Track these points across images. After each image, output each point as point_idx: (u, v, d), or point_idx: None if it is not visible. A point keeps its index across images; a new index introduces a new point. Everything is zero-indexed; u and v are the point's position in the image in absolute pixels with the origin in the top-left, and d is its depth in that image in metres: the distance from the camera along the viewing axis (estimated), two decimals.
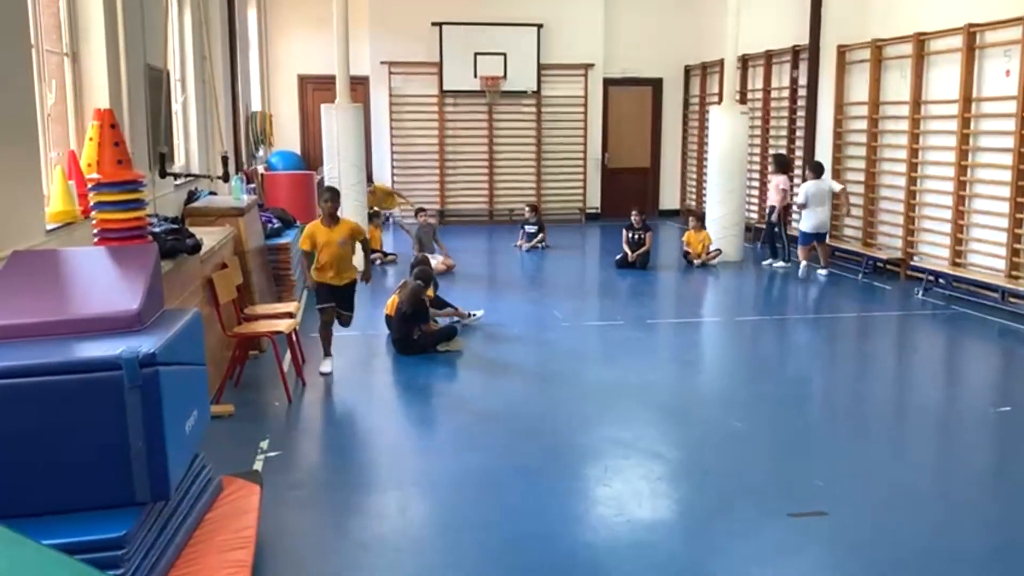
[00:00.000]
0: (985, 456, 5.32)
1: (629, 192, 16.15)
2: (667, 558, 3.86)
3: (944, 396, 6.54)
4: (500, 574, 3.74)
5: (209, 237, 6.32)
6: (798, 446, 5.31)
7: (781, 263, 11.43)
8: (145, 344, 3.18)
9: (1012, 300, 8.78)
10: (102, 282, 3.76)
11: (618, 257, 11.39)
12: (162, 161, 7.11)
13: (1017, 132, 8.77)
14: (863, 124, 11.40)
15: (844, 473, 4.79)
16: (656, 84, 16.69)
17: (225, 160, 8.53)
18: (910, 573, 3.73)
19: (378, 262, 11.40)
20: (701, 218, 11.89)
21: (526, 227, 13.04)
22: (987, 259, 9.34)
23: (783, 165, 11.83)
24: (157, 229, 5.22)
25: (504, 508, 4.36)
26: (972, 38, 9.40)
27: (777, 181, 11.65)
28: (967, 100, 9.50)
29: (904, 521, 4.22)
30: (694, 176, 16.31)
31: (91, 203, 4.38)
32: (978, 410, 6.04)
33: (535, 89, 15.63)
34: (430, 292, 7.78)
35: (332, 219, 6.58)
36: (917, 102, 10.33)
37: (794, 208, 11.16)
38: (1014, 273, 8.94)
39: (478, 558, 3.88)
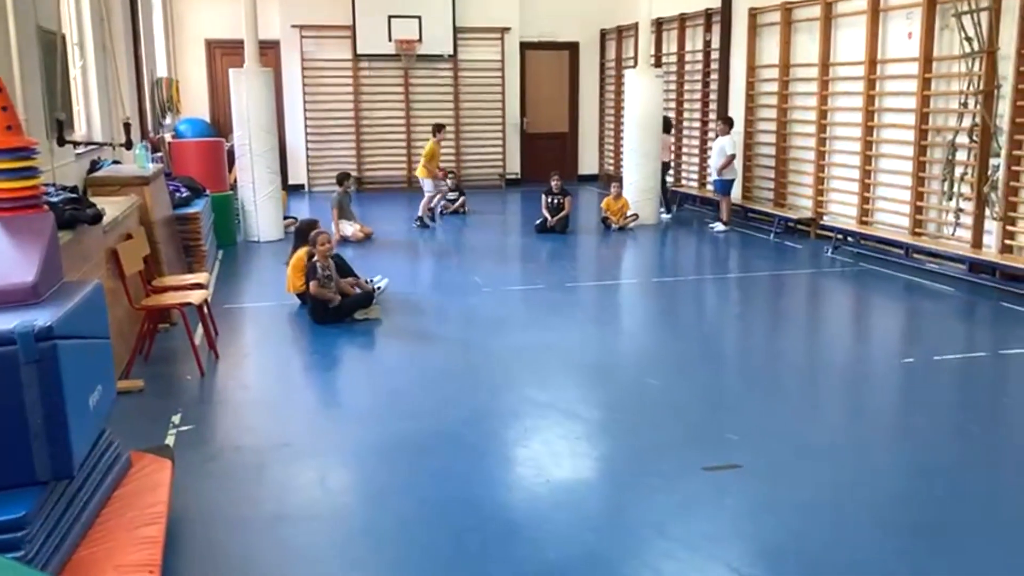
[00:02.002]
0: (891, 406, 5.52)
1: (548, 157, 16.16)
2: (585, 515, 3.90)
3: (852, 350, 6.76)
4: (420, 538, 3.73)
5: (112, 207, 6.08)
6: (712, 402, 5.42)
7: (668, 215, 12.62)
8: (41, 317, 3.04)
9: (916, 256, 9.11)
10: None
11: (538, 222, 11.42)
12: (60, 128, 6.79)
13: (919, 93, 9.05)
14: (774, 86, 11.61)
15: (757, 427, 4.91)
16: (573, 48, 16.68)
17: (127, 127, 8.20)
18: (821, 520, 3.86)
19: (292, 229, 11.21)
20: (622, 184, 12.03)
21: (448, 194, 13.00)
22: (892, 217, 9.66)
23: (668, 126, 12.87)
24: (54, 199, 4.98)
25: (425, 473, 4.34)
26: (876, 1, 9.62)
27: (666, 140, 12.66)
28: (872, 62, 9.75)
29: (815, 471, 4.36)
30: (612, 140, 16.41)
31: None
32: (884, 362, 6.26)
33: (451, 53, 15.45)
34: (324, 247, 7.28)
35: None
36: (825, 64, 10.56)
37: (720, 163, 11.30)
38: (917, 230, 9.27)
39: (398, 524, 3.86)
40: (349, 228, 10.71)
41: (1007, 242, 8.22)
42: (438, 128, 12.44)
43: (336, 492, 4.24)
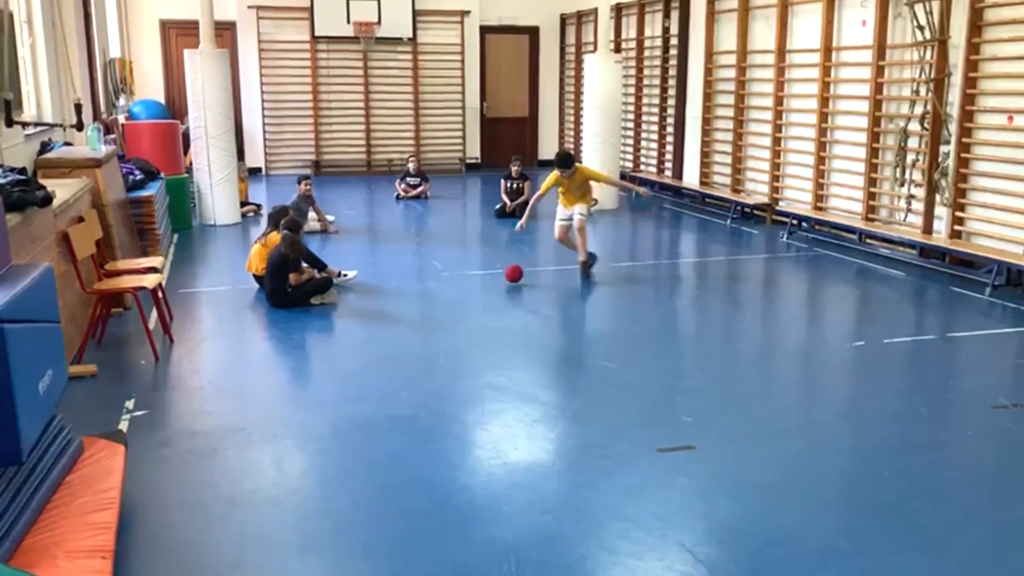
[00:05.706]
0: (842, 388, 5.62)
1: (508, 142, 16.17)
2: (542, 496, 3.94)
3: (805, 333, 6.87)
4: (378, 521, 3.74)
5: (63, 189, 5.97)
6: (668, 385, 5.48)
7: None
8: None
9: (868, 241, 9.28)
10: None
11: (497, 207, 11.42)
12: (8, 109, 6.64)
13: (872, 80, 9.18)
14: (732, 73, 11.70)
15: (711, 409, 4.99)
16: (533, 32, 16.65)
17: (79, 108, 8.04)
18: (772, 500, 3.93)
19: (251, 214, 11.15)
20: None
21: (408, 179, 12.91)
22: (846, 203, 9.81)
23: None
24: (2, 180, 4.89)
25: (382, 456, 4.35)
26: None
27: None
28: (828, 50, 9.87)
29: (767, 452, 4.43)
30: (572, 125, 16.43)
31: None
32: (836, 345, 6.38)
33: (411, 36, 15.34)
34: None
35: None
36: (782, 51, 10.66)
37: None
38: (870, 216, 9.43)
39: (355, 507, 3.87)
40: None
41: (956, 228, 8.39)
42: None
43: (292, 476, 4.22)
